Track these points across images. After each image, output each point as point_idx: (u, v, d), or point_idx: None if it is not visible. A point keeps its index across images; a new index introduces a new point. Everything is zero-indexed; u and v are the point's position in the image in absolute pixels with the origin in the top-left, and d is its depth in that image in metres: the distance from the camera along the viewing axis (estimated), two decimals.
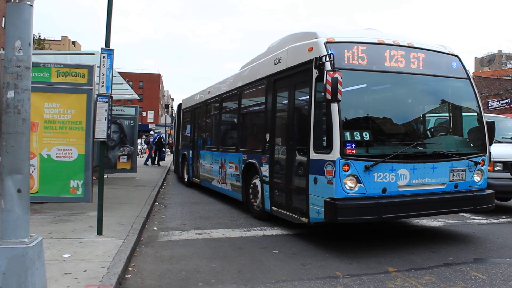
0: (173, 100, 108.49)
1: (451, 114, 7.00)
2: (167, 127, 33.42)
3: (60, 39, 70.78)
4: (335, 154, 5.52)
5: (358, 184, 5.56)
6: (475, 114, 6.85)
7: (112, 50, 5.98)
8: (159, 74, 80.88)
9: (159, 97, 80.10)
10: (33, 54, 5.43)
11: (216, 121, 11.29)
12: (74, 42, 76.25)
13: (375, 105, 6.57)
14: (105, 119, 6.02)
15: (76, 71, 7.05)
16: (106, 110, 6.02)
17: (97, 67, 6.69)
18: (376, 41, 6.28)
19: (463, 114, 6.98)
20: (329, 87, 5.26)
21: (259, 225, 7.60)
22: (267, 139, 7.56)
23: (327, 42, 5.99)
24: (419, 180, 5.97)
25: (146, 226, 7.48)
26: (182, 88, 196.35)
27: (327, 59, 5.67)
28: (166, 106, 48.62)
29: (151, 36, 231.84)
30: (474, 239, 6.68)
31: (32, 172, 6.91)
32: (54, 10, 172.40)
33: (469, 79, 6.89)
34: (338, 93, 5.26)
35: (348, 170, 5.50)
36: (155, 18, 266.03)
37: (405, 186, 5.87)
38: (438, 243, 6.34)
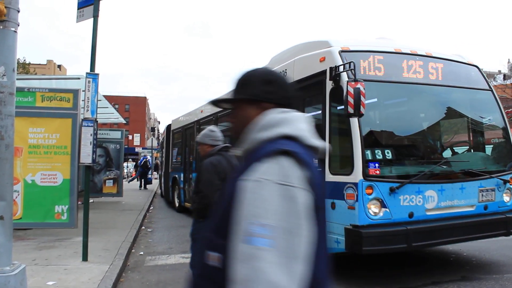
0: (159, 122, 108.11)
1: (475, 128, 6.43)
2: (153, 150, 33.24)
3: (45, 63, 70.49)
4: (357, 175, 4.86)
5: (383, 209, 4.88)
6: (500, 127, 6.32)
7: (97, 74, 6.01)
8: (145, 97, 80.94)
9: (145, 120, 79.81)
10: (18, 79, 5.43)
11: None
12: (59, 66, 75.93)
13: (395, 120, 6.07)
14: (90, 144, 6.00)
15: (61, 96, 7.04)
16: (91, 135, 6.00)
17: (82, 91, 6.70)
18: (393, 50, 5.71)
19: (488, 128, 6.47)
20: (351, 100, 4.64)
21: None
22: None
23: (342, 51, 5.41)
24: (447, 202, 5.30)
25: (133, 251, 7.38)
26: (168, 110, 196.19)
27: (346, 68, 5.10)
28: (153, 129, 48.43)
29: (139, 62, 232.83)
30: (461, 256, 6.72)
31: (16, 198, 6.79)
32: (40, 34, 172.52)
33: (491, 90, 6.39)
34: (361, 106, 4.64)
35: (371, 193, 4.84)
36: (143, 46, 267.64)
37: (433, 210, 5.21)
38: (426, 261, 6.36)
